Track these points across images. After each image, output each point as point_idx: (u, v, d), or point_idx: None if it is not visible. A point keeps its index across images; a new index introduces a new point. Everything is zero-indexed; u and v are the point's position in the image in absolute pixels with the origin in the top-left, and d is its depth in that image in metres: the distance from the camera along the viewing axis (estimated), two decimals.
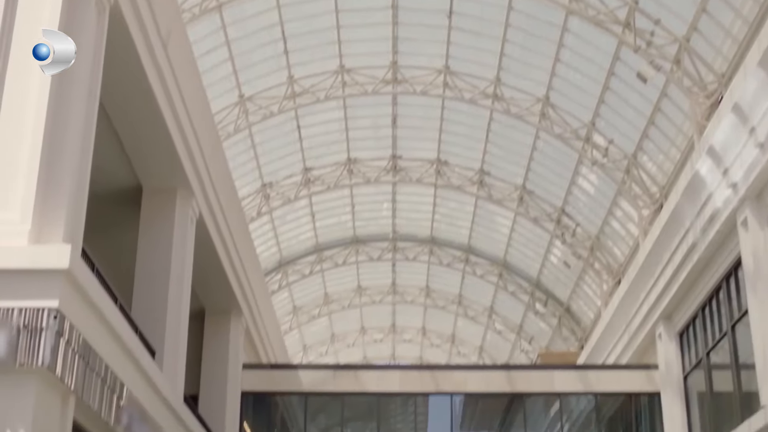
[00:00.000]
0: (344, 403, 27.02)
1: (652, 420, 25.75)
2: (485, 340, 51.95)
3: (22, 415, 11.19)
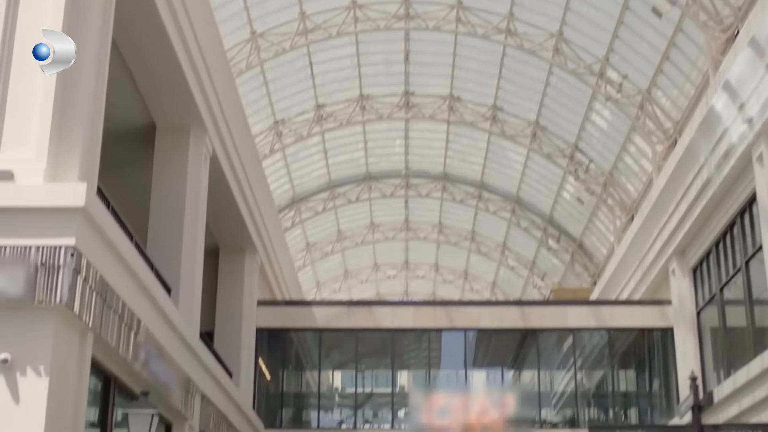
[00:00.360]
0: (358, 339, 27.23)
1: (664, 355, 25.90)
2: (498, 276, 52.13)
3: (41, 352, 11.32)
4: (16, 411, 11.19)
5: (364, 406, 27.79)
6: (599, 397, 28.05)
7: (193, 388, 17.50)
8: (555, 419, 27.61)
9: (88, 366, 12.37)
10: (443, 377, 28.60)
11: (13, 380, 11.25)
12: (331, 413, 27.90)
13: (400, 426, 26.58)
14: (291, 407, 28.14)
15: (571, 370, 27.31)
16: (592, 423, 26.39)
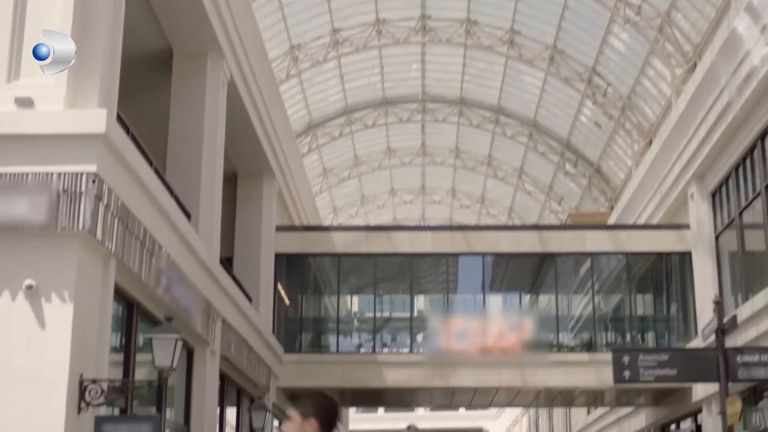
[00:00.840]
0: (377, 264, 27.35)
1: (682, 279, 25.95)
2: (515, 201, 52.07)
3: (65, 279, 11.42)
4: (41, 337, 11.33)
5: (382, 330, 28.00)
6: (616, 321, 28.19)
7: (214, 313, 17.66)
8: (572, 343, 27.78)
9: (111, 292, 12.48)
10: (461, 302, 28.76)
11: (38, 306, 11.36)
12: (350, 338, 28.15)
13: (419, 350, 26.80)
14: (310, 332, 28.39)
15: (588, 294, 27.42)
16: (614, 347, 26.55)
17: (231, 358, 19.21)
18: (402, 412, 68.06)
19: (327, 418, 4.67)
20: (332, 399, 4.78)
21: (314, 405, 4.66)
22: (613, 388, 26.21)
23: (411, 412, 68.88)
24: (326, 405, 4.72)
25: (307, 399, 4.75)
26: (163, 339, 11.75)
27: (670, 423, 27.80)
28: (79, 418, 11.43)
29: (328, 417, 4.68)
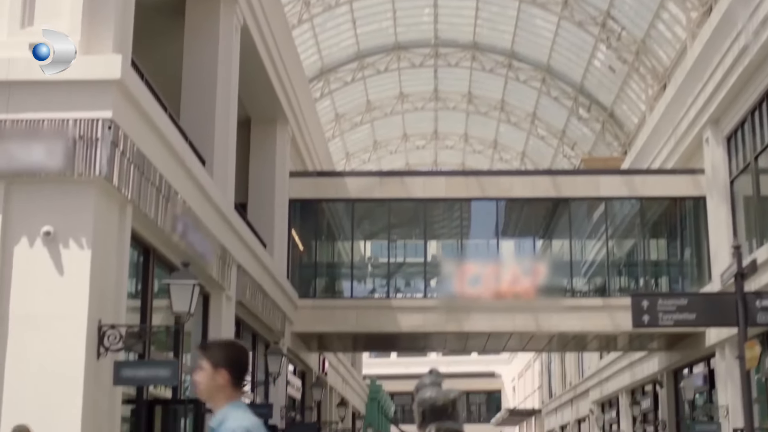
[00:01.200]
0: (390, 209, 27.35)
1: (696, 224, 25.90)
2: (527, 146, 51.86)
3: (82, 225, 11.47)
4: (60, 282, 11.41)
5: (396, 275, 28.07)
6: (630, 265, 28.20)
7: (230, 259, 17.71)
8: (585, 288, 27.82)
9: (128, 238, 12.54)
10: (474, 247, 28.78)
11: (56, 252, 11.43)
12: (364, 283, 28.23)
13: (433, 295, 26.86)
14: (324, 277, 28.45)
15: (602, 239, 27.41)
16: (628, 291, 26.61)
17: (246, 304, 19.31)
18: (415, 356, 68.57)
19: (238, 369, 4.60)
20: (243, 348, 4.68)
21: (225, 355, 4.56)
22: (626, 333, 26.32)
23: (424, 357, 69.35)
24: (237, 355, 4.62)
25: (218, 348, 4.67)
26: (180, 285, 11.80)
27: (683, 367, 27.90)
28: (98, 363, 11.53)
29: (239, 367, 4.61)
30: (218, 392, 4.55)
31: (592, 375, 39.83)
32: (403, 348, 40.97)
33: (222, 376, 4.54)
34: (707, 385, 25.89)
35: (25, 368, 11.28)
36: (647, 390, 32.45)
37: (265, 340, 22.71)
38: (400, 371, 68.67)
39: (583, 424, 44.46)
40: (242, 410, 4.54)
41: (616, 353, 33.70)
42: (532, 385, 59.90)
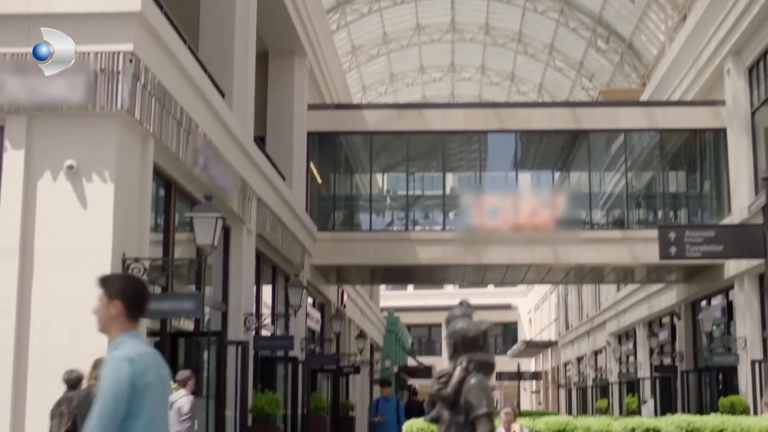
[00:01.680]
0: (408, 142, 27.26)
1: (716, 156, 25.76)
2: (545, 78, 51.48)
3: (105, 159, 11.47)
4: (84, 216, 11.44)
5: (414, 208, 28.06)
6: (648, 198, 28.11)
7: (250, 192, 17.73)
8: (604, 220, 27.77)
9: (150, 171, 12.54)
10: (493, 179, 28.70)
11: (79, 186, 11.44)
12: (382, 216, 28.22)
13: (451, 227, 26.83)
14: (343, 210, 28.46)
15: (621, 171, 27.29)
16: (657, 223, 26.59)
17: (266, 237, 19.37)
18: (431, 289, 68.84)
19: (133, 300, 4.61)
20: (140, 281, 4.67)
21: (121, 287, 4.58)
22: (645, 265, 26.32)
23: (440, 290, 69.62)
24: (133, 287, 4.64)
25: (114, 280, 4.69)
26: (203, 218, 11.81)
27: (701, 299, 27.95)
28: None
29: (134, 299, 4.62)
30: (112, 323, 4.60)
31: (609, 307, 39.96)
32: (421, 280, 41.08)
33: (116, 307, 4.59)
34: (725, 317, 25.96)
35: (50, 303, 11.36)
36: (665, 322, 32.56)
37: (285, 273, 22.81)
38: (417, 304, 69.09)
39: (600, 355, 44.70)
40: (135, 340, 4.55)
41: (633, 285, 33.73)
42: (549, 317, 60.18)
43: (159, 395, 4.32)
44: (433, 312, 72.06)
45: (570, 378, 54.00)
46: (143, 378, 4.19)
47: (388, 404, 14.90)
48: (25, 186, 11.44)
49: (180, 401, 12.56)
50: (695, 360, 28.19)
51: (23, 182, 11.41)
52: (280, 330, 22.28)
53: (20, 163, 11.37)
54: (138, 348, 4.29)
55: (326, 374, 27.87)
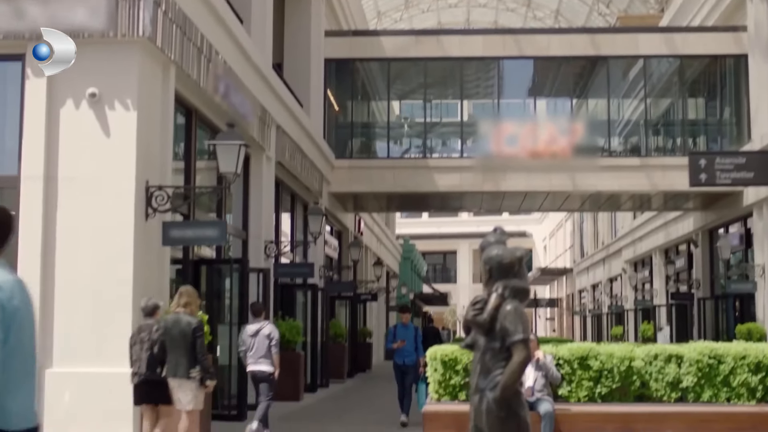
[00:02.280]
0: (426, 69, 27.07)
1: (737, 82, 25.52)
2: (561, 4, 50.84)
3: (127, 86, 11.44)
4: (107, 144, 11.44)
5: (432, 135, 27.95)
6: (667, 125, 27.94)
7: (269, 119, 17.68)
8: (622, 147, 27.63)
9: (171, 99, 12.51)
10: (511, 106, 28.52)
11: (102, 114, 11.43)
12: (400, 143, 28.12)
13: (469, 155, 26.74)
14: (360, 137, 28.37)
15: (639, 98, 27.10)
16: (664, 151, 26.50)
17: (285, 164, 19.35)
18: (446, 216, 68.95)
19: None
20: (4, 211, 4.49)
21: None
22: (662, 193, 26.25)
23: (455, 217, 69.74)
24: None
25: None
26: (227, 145, 11.78)
27: (719, 227, 27.91)
28: (146, 224, 11.64)
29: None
30: None
31: (625, 234, 39.96)
32: (438, 208, 41.07)
33: None
34: (743, 244, 25.94)
35: (75, 230, 11.41)
36: (681, 249, 32.56)
37: (303, 201, 22.83)
38: (432, 231, 69.23)
39: (615, 282, 44.82)
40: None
41: (649, 213, 33.67)
42: (564, 244, 60.25)
43: (26, 321, 4.27)
44: (448, 239, 72.34)
45: (585, 305, 54.25)
46: (11, 302, 4.14)
47: (406, 331, 14.74)
48: (47, 114, 11.43)
49: (267, 328, 12.91)
50: (712, 287, 28.25)
51: (46, 111, 11.40)
52: (299, 258, 22.35)
53: (42, 92, 11.35)
54: (3, 275, 4.21)
55: (344, 301, 28.04)
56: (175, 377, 9.48)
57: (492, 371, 5.28)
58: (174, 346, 9.51)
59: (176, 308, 9.84)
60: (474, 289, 74.02)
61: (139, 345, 10.03)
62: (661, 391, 10.86)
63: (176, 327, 9.55)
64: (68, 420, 11.13)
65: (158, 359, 9.62)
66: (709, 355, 10.84)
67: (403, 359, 14.60)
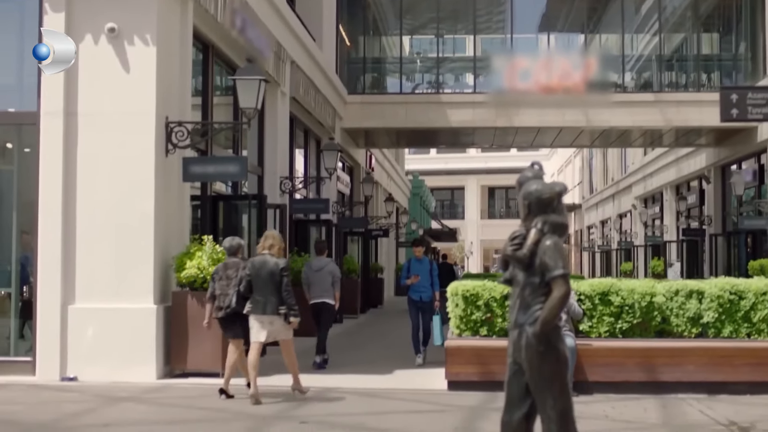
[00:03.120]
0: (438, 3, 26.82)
1: (752, 17, 25.23)
2: None
3: (146, 21, 11.38)
4: (127, 79, 11.40)
5: (444, 70, 27.76)
6: (681, 60, 27.70)
7: (284, 55, 17.56)
8: (635, 83, 27.45)
9: (190, 34, 12.44)
10: (524, 41, 28.26)
11: (121, 49, 11.38)
12: (412, 78, 27.94)
13: (482, 90, 26.53)
14: (372, 73, 28.18)
15: (652, 32, 26.85)
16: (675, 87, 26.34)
17: (300, 100, 19.24)
18: (453, 152, 68.71)
19: None
20: None
21: None
22: (674, 129, 26.14)
23: (462, 153, 69.54)
24: None
25: None
26: (247, 81, 11.69)
27: (731, 163, 27.79)
28: (166, 160, 11.62)
29: None
30: None
31: (635, 170, 39.85)
32: (450, 143, 40.94)
33: None
34: (756, 180, 25.85)
35: (96, 168, 11.40)
36: (693, 186, 32.47)
37: (316, 137, 22.76)
38: (440, 167, 69.06)
39: (625, 219, 44.83)
40: None
41: (661, 149, 33.51)
42: (572, 180, 60.13)
43: None
44: (456, 175, 72.19)
45: (594, 241, 54.32)
46: None
47: (420, 265, 13.92)
48: None
49: (331, 266, 13.43)
50: (723, 224, 28.23)
51: None
52: (312, 194, 22.32)
53: (61, 27, 11.24)
54: None
55: (355, 238, 28.04)
56: (264, 314, 9.92)
57: (531, 306, 5.29)
58: (262, 286, 9.94)
59: (261, 250, 10.24)
60: (482, 225, 74.10)
61: (225, 281, 10.40)
62: (681, 327, 10.91)
63: (264, 268, 9.97)
64: (92, 355, 11.22)
65: (243, 296, 10.08)
66: (730, 291, 10.87)
67: (419, 295, 13.77)
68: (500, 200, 76.53)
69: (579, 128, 26.51)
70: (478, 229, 72.01)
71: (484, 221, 73.85)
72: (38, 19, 11.46)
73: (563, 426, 5.26)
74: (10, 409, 9.34)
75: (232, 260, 10.58)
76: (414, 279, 13.71)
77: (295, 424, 8.60)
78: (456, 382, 10.82)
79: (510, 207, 76.57)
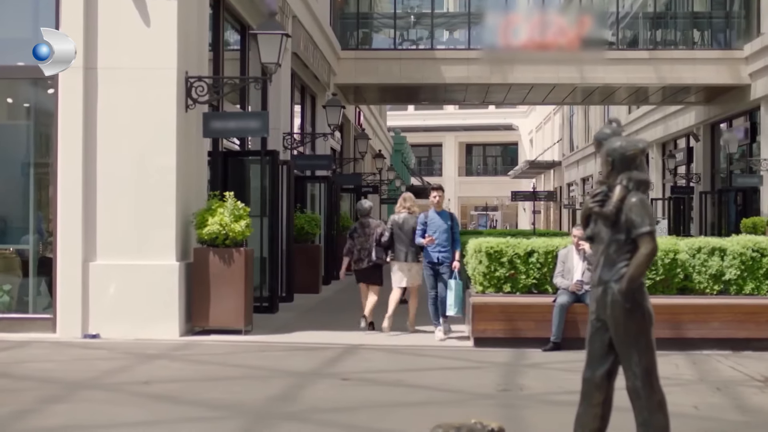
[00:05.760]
0: None
1: None
2: None
3: None
4: (147, 34, 11.27)
5: (438, 26, 27.58)
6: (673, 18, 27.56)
7: (287, 9, 17.40)
8: (629, 40, 27.40)
9: None
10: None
11: (141, 3, 11.22)
12: (406, 34, 27.72)
13: (476, 47, 26.38)
14: (365, 29, 27.91)
15: None
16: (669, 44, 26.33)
17: (300, 55, 19.09)
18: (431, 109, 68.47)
19: None
20: None
21: None
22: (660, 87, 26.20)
23: (440, 110, 69.33)
24: None
25: None
26: (268, 36, 11.58)
27: (721, 121, 27.92)
28: (186, 115, 11.52)
29: None
30: None
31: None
32: (443, 100, 40.85)
33: None
34: (747, 138, 25.97)
35: (115, 121, 11.29)
36: (680, 144, 32.56)
37: (312, 93, 22.62)
38: (417, 123, 68.86)
39: None
40: None
41: (647, 107, 33.50)
42: (552, 138, 60.08)
43: None
44: (434, 132, 72.01)
45: (574, 198, 54.41)
46: None
47: (440, 219, 11.68)
48: (85, 3, 11.20)
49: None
50: (712, 181, 28.37)
51: None
52: (307, 150, 22.20)
53: None
54: None
55: (345, 194, 27.95)
56: (406, 261, 11.91)
57: (617, 263, 5.27)
58: (404, 239, 11.85)
59: (400, 209, 12.12)
60: (459, 182, 73.99)
61: (363, 237, 12.33)
62: (703, 284, 10.97)
63: (406, 224, 11.89)
64: (113, 312, 11.17)
65: (386, 247, 12.10)
66: (752, 248, 10.95)
67: (437, 255, 11.63)
68: (478, 157, 76.56)
69: (572, 85, 26.50)
70: (456, 186, 71.90)
71: (461, 178, 73.85)
72: None
73: (648, 382, 5.28)
74: (43, 367, 9.29)
75: (366, 220, 12.51)
76: (428, 240, 11.55)
77: (336, 380, 8.60)
78: (482, 339, 10.86)
79: (487, 165, 76.60)
